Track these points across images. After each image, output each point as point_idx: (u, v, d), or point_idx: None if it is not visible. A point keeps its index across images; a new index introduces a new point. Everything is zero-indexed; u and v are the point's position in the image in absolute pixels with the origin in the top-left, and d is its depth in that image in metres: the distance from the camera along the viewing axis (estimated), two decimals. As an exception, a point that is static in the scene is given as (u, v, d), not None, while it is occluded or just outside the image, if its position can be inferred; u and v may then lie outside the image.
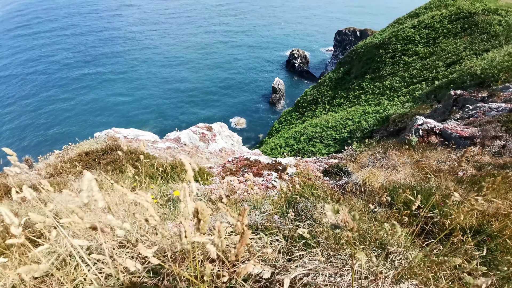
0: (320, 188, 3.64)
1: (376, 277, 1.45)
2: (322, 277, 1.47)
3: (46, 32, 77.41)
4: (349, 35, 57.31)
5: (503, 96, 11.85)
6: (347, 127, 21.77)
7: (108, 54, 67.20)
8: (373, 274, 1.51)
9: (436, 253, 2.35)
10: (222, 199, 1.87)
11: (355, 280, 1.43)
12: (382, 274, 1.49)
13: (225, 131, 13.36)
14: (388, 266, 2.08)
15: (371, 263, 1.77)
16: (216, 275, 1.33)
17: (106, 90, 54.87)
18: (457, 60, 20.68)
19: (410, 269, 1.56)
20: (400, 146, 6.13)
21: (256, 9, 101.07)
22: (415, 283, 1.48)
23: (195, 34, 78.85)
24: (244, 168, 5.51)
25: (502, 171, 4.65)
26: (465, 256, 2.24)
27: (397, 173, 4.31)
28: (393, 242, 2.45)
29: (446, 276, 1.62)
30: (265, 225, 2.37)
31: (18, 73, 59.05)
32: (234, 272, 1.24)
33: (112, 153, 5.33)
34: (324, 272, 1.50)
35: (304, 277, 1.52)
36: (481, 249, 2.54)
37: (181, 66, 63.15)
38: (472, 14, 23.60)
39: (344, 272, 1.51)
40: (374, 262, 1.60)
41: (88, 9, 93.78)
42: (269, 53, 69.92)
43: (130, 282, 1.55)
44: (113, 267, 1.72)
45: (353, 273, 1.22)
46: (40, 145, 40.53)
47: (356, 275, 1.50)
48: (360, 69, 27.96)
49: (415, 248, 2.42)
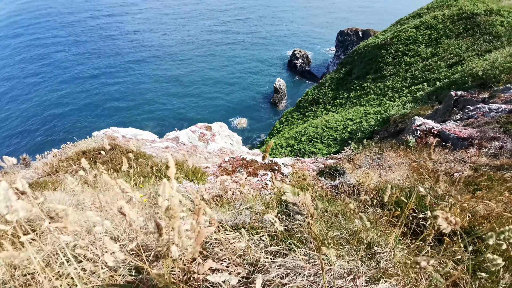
0: (312, 188, 3.63)
1: (354, 276, 1.45)
2: (301, 276, 1.47)
3: (46, 32, 77.87)
4: (351, 35, 57.16)
5: (504, 97, 11.76)
6: (348, 127, 21.72)
7: (109, 54, 67.45)
8: (351, 273, 1.51)
9: (424, 254, 2.34)
10: (204, 199, 1.88)
11: (333, 280, 1.43)
12: (361, 273, 1.49)
13: (224, 131, 13.38)
14: (374, 266, 2.08)
15: (352, 263, 1.76)
16: (187, 273, 1.34)
17: (108, 91, 55.08)
18: (459, 60, 20.57)
19: (387, 270, 1.55)
20: (397, 147, 6.11)
21: (258, 9, 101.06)
22: (394, 283, 1.47)
23: (197, 34, 79.00)
24: (240, 168, 5.52)
25: (499, 173, 4.61)
26: (451, 257, 2.23)
27: (391, 174, 4.29)
28: (381, 243, 2.44)
29: (426, 277, 1.61)
30: (252, 225, 2.38)
31: (17, 74, 59.44)
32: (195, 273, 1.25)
33: (109, 152, 5.36)
34: (303, 271, 1.50)
35: (284, 277, 1.52)
36: (471, 250, 2.53)
37: (182, 67, 63.28)
38: (474, 14, 23.46)
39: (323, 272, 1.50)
40: (353, 262, 1.60)
41: (87, 10, 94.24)
42: (271, 53, 69.91)
43: (110, 279, 1.56)
44: (95, 265, 1.73)
45: (323, 268, 1.22)
46: (40, 145, 40.77)
47: (336, 275, 1.50)
48: (362, 69, 27.88)
49: (404, 249, 2.42)
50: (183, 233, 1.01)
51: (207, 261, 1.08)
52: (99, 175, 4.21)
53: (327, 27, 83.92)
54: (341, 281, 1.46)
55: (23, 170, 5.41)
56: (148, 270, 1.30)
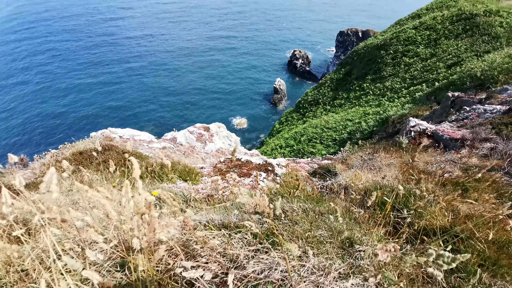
0: (302, 188, 3.71)
1: (326, 272, 1.52)
2: (276, 272, 1.55)
3: (48, 33, 78.15)
4: (351, 35, 57.21)
5: (501, 98, 11.81)
6: (347, 128, 21.77)
7: (109, 57, 67.62)
8: (324, 269, 1.58)
9: (404, 252, 2.41)
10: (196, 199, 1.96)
11: (304, 276, 1.51)
12: (333, 269, 1.57)
13: (223, 131, 13.46)
14: (352, 263, 2.16)
15: (331, 260, 1.84)
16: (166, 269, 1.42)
17: (108, 92, 55.23)
18: (458, 61, 20.60)
19: (359, 265, 1.63)
20: (390, 148, 6.18)
21: (258, 11, 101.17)
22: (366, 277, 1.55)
23: (197, 36, 79.17)
24: (235, 168, 5.60)
25: (488, 174, 4.68)
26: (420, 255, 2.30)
27: (381, 174, 4.36)
28: (363, 241, 2.52)
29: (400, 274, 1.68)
30: (237, 224, 2.46)
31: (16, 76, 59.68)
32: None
33: (105, 153, 5.45)
34: (279, 267, 1.58)
35: (260, 273, 1.60)
36: (450, 249, 2.60)
37: (182, 68, 63.43)
38: (473, 15, 23.49)
39: (298, 267, 1.58)
40: (332, 260, 1.68)
41: (86, 14, 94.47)
42: (270, 54, 70.02)
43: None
44: (81, 260, 1.81)
45: (287, 262, 1.30)
46: (38, 146, 40.96)
47: (309, 271, 1.58)
48: (361, 70, 27.94)
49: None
50: (141, 226, 1.10)
51: (161, 247, 1.16)
52: (95, 175, 4.30)
53: (327, 28, 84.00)
54: (313, 276, 1.54)
55: (21, 171, 5.51)
56: (130, 264, 1.38)
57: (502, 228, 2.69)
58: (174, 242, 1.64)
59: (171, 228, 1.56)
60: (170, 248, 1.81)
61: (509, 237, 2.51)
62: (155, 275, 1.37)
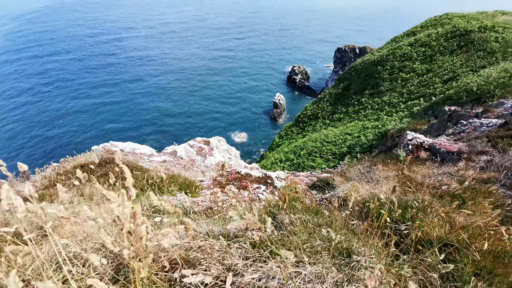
0: (300, 201, 3.75)
1: (322, 280, 1.56)
2: (273, 280, 1.59)
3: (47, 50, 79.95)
4: (348, 52, 58.49)
5: (497, 112, 11.98)
6: (347, 142, 21.88)
7: (111, 72, 68.87)
8: (320, 277, 1.62)
9: (400, 263, 2.43)
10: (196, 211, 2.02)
11: (301, 284, 1.55)
12: (329, 277, 1.60)
13: (223, 145, 13.56)
14: (348, 272, 2.19)
15: (327, 269, 1.87)
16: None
17: (110, 107, 55.85)
18: (454, 76, 20.99)
19: (354, 274, 1.67)
20: (388, 161, 6.25)
21: (258, 27, 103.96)
22: (361, 286, 1.58)
23: (198, 53, 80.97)
24: (234, 181, 5.64)
25: (485, 186, 4.72)
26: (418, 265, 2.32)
27: (379, 187, 4.41)
28: (361, 252, 2.54)
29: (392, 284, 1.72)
30: (236, 234, 2.49)
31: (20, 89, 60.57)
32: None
33: (106, 166, 5.52)
34: (276, 275, 1.62)
35: (258, 281, 1.63)
36: (446, 260, 2.62)
37: (184, 84, 64.46)
38: (468, 32, 24.12)
39: (294, 275, 1.62)
40: (328, 269, 1.71)
41: (87, 29, 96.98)
42: (270, 70, 71.39)
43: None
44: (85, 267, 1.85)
45: (283, 272, 1.34)
46: (39, 159, 41.03)
47: (306, 279, 1.62)
48: (359, 85, 28.41)
49: (383, 259, 2.51)
50: (130, 237, 1.16)
51: (149, 256, 1.22)
52: (95, 188, 4.35)
53: (325, 45, 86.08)
54: (310, 284, 1.58)
55: (22, 183, 5.54)
56: (131, 269, 1.42)
57: (498, 239, 2.72)
58: (174, 250, 1.69)
59: (170, 236, 1.61)
60: (169, 258, 1.85)
61: (505, 247, 2.54)
62: (154, 283, 1.42)
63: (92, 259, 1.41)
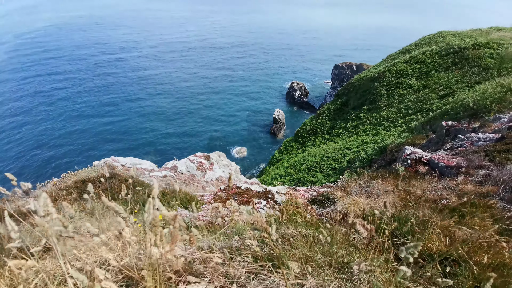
0: (300, 215, 3.78)
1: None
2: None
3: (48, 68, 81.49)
4: (346, 69, 59.73)
5: (494, 127, 12.14)
6: (346, 156, 21.93)
7: (110, 90, 69.90)
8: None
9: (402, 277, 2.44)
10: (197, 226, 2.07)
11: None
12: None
13: (223, 160, 13.61)
14: (349, 285, 2.20)
15: (328, 282, 1.90)
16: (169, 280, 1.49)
17: (110, 123, 56.30)
18: (450, 92, 21.36)
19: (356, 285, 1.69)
20: (387, 175, 6.30)
21: (258, 47, 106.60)
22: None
23: (197, 70, 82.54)
24: (235, 196, 5.66)
25: (484, 200, 4.76)
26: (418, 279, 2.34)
27: (378, 201, 4.45)
28: (362, 268, 2.56)
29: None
30: (238, 247, 2.51)
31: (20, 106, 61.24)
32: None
33: (108, 181, 5.54)
34: (279, 287, 1.64)
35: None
36: (447, 274, 2.62)
37: (184, 100, 65.29)
38: (462, 49, 24.74)
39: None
40: (329, 281, 1.74)
41: (88, 47, 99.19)
42: (269, 86, 72.62)
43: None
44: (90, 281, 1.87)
45: (286, 282, 1.38)
46: (40, 174, 40.91)
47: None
48: (357, 100, 28.83)
49: (383, 273, 2.52)
50: (163, 237, 1.21)
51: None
52: (96, 203, 4.38)
53: (323, 63, 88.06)
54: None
55: (22, 199, 5.56)
56: (137, 280, 1.46)
57: (498, 252, 2.74)
58: (179, 262, 1.72)
59: (175, 248, 1.65)
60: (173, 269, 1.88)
61: (504, 260, 2.56)
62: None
63: (97, 273, 1.45)
